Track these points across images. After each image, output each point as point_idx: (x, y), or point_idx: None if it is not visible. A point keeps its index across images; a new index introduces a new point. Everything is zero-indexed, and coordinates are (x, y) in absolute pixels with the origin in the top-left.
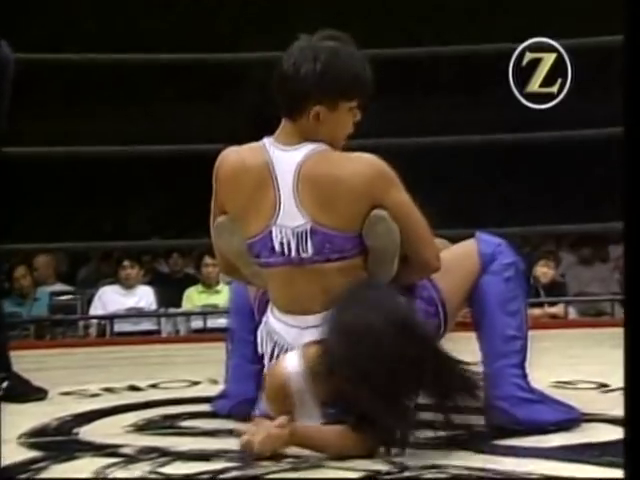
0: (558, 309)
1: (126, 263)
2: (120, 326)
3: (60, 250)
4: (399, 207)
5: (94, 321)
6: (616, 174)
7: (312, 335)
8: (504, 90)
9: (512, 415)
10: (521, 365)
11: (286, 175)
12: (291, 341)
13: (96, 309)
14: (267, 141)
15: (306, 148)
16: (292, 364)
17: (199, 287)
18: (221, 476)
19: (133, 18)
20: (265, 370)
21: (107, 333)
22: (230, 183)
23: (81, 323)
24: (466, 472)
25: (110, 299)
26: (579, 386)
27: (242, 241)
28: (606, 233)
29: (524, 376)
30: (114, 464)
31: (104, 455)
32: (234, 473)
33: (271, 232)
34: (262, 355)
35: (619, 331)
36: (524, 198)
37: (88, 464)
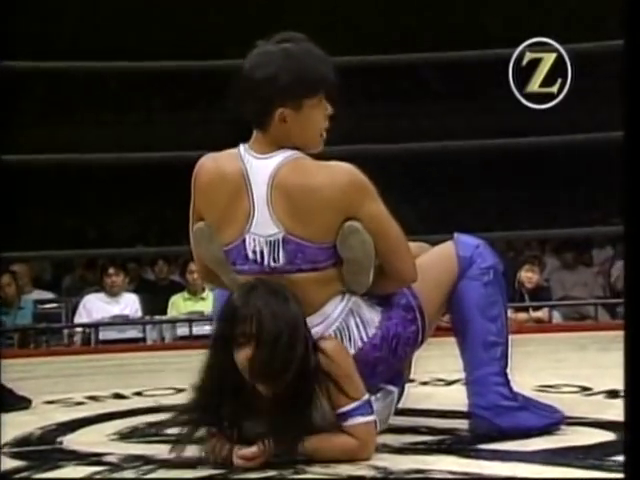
0: (543, 313)
1: (111, 271)
2: (105, 334)
3: (44, 258)
4: (373, 219)
5: (79, 329)
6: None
7: None
8: (489, 97)
9: (496, 424)
10: (503, 372)
11: (260, 184)
12: None
13: (81, 317)
14: (242, 148)
15: (279, 157)
16: None
17: (184, 294)
18: None
19: (118, 26)
20: None
21: (92, 341)
22: (207, 191)
23: (66, 331)
24: (450, 476)
25: (95, 307)
26: (563, 390)
27: (220, 248)
28: (589, 238)
29: (506, 383)
30: (98, 472)
31: (88, 464)
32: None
33: (245, 240)
34: None
35: (603, 335)
36: (508, 203)
37: (71, 473)
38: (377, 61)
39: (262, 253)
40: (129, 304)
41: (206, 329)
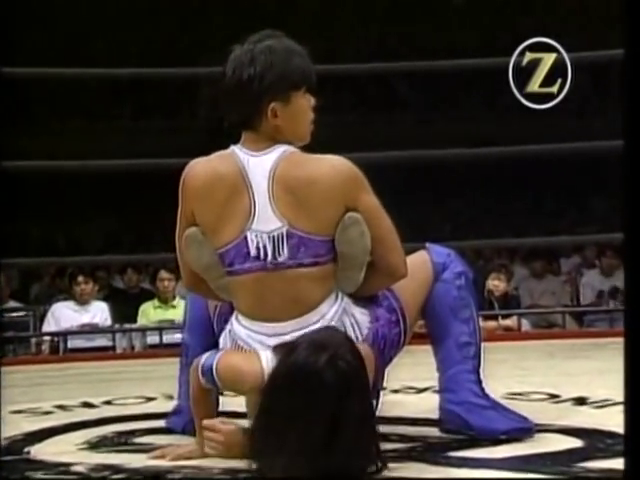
0: (511, 321)
1: (80, 279)
2: (74, 342)
3: (12, 266)
4: (370, 210)
5: (47, 338)
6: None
7: (278, 342)
8: (460, 106)
9: (465, 420)
10: (476, 371)
11: (260, 179)
12: (257, 348)
13: (49, 326)
14: (236, 148)
15: (277, 151)
16: (267, 364)
17: (155, 302)
18: None
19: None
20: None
21: (60, 350)
22: (202, 193)
23: (33, 340)
24: None
25: (63, 315)
26: (531, 397)
27: (211, 253)
28: (557, 247)
29: (478, 382)
30: None
31: (55, 474)
32: None
33: (246, 237)
34: None
35: (570, 342)
36: (476, 212)
37: None
38: (347, 70)
39: (265, 249)
40: (98, 312)
41: (176, 337)
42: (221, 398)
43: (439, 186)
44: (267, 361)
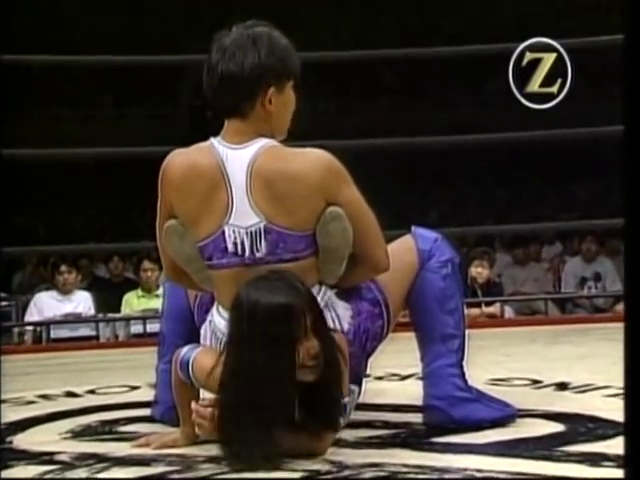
0: (495, 308)
1: (63, 268)
2: (57, 332)
3: None
4: (352, 204)
5: (29, 328)
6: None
7: None
8: (446, 93)
9: (449, 414)
10: (459, 364)
11: (238, 174)
12: None
13: (32, 315)
14: (215, 141)
15: (256, 145)
16: None
17: (138, 291)
18: None
19: (70, 19)
20: (204, 340)
21: (43, 340)
22: (181, 186)
23: (16, 330)
24: (404, 469)
25: (46, 305)
26: (513, 383)
27: (192, 245)
28: (539, 234)
29: (462, 375)
30: (50, 471)
31: (39, 463)
32: (174, 476)
33: (224, 232)
34: None
35: (553, 329)
36: (461, 200)
37: (22, 472)
38: (330, 57)
39: (243, 244)
40: (82, 302)
41: None
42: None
43: (422, 174)
44: None
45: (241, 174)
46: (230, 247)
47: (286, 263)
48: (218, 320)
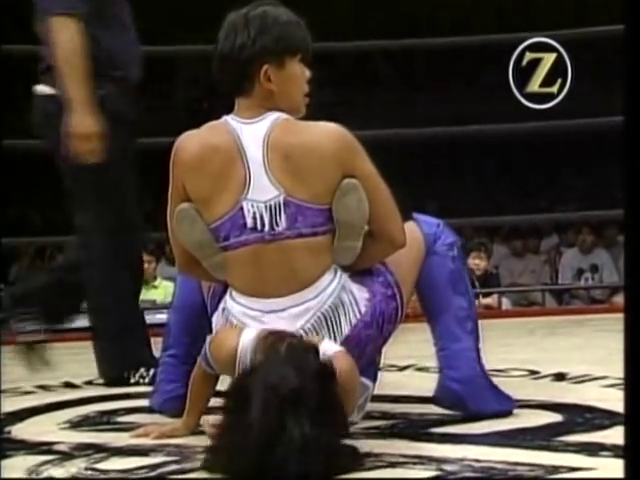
0: (492, 300)
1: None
2: None
3: None
4: (367, 177)
5: None
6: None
7: (275, 320)
8: (442, 86)
9: (463, 400)
10: (476, 347)
11: (254, 148)
12: (252, 325)
13: None
14: (228, 117)
15: (271, 118)
16: (248, 337)
17: None
18: (159, 470)
19: None
20: (217, 326)
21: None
22: (194, 166)
23: None
24: (402, 460)
25: None
26: (511, 374)
27: (204, 229)
28: (537, 226)
29: (479, 359)
30: (48, 462)
31: (38, 453)
32: (173, 467)
33: (242, 208)
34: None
35: (550, 320)
36: (458, 191)
37: (21, 462)
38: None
39: (262, 219)
40: None
41: (157, 318)
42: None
43: (422, 166)
44: (244, 340)
45: (257, 148)
46: (249, 222)
47: (305, 238)
48: (231, 305)
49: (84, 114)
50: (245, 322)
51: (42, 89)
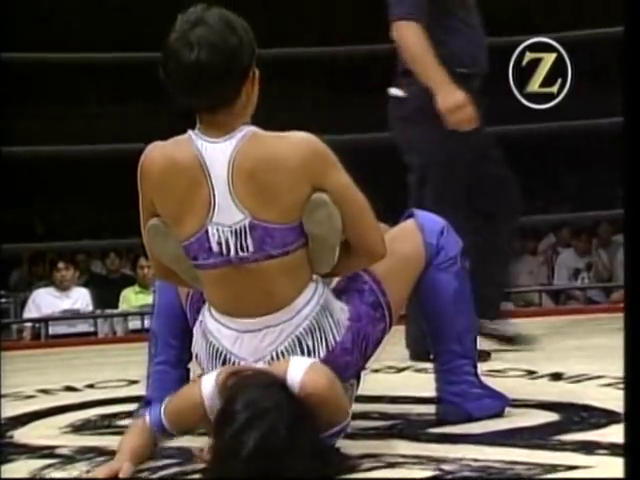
0: None
1: (61, 265)
2: (55, 329)
3: None
4: (339, 188)
5: (28, 324)
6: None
7: (249, 340)
8: None
9: (465, 410)
10: (473, 363)
11: (219, 169)
12: (227, 344)
13: (30, 312)
14: (192, 134)
15: (236, 138)
16: (208, 386)
17: (135, 288)
18: (161, 472)
19: (67, 17)
20: (195, 345)
21: (42, 336)
22: (160, 183)
23: (14, 327)
24: (401, 460)
25: (45, 302)
26: (509, 373)
27: (177, 244)
28: (535, 227)
29: (475, 373)
30: (50, 465)
31: (40, 457)
32: (174, 469)
33: (207, 232)
34: (196, 354)
35: (547, 320)
36: None
37: (23, 466)
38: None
39: (227, 244)
40: (80, 298)
41: None
42: None
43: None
44: (207, 390)
45: (222, 169)
46: (215, 247)
47: (276, 259)
48: (209, 321)
49: (448, 90)
50: (220, 339)
51: (395, 92)
